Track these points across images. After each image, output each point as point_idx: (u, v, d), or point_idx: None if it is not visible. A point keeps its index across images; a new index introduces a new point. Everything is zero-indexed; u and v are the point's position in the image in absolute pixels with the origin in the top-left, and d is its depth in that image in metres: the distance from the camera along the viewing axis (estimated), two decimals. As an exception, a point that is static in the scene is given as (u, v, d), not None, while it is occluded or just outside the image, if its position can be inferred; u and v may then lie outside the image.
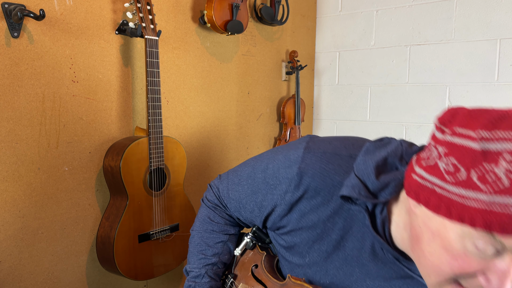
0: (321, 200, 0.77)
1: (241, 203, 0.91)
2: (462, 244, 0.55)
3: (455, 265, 0.57)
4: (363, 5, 2.62)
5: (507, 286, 0.53)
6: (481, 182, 0.52)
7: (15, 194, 1.38)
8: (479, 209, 0.52)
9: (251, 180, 0.88)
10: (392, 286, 0.75)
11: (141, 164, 1.54)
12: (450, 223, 0.56)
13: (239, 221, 0.99)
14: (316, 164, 0.78)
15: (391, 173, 0.71)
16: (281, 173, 0.82)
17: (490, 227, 0.51)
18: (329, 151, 0.79)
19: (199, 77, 2.01)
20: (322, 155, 0.78)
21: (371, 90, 2.63)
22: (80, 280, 1.58)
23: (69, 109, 1.50)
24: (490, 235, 0.52)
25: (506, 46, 2.17)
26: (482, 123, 0.54)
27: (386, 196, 0.70)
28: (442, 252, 0.58)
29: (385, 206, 0.71)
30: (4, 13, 1.30)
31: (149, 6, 1.56)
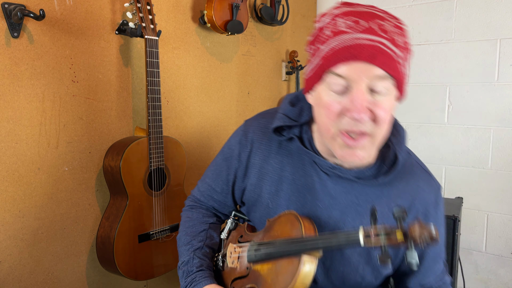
0: (265, 148, 0.96)
1: (211, 189, 1.06)
2: (327, 94, 0.79)
3: (330, 113, 0.78)
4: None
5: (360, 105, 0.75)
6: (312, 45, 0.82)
7: (15, 194, 1.38)
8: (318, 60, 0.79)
9: (214, 166, 1.07)
10: (338, 200, 0.89)
11: (141, 164, 1.54)
12: (318, 86, 0.81)
13: (215, 211, 1.11)
14: (254, 122, 1.01)
15: (303, 102, 0.94)
16: (231, 142, 1.03)
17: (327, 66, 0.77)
18: (262, 112, 1.04)
19: (199, 77, 2.01)
20: (257, 116, 1.03)
21: (371, 90, 2.63)
22: (80, 280, 1.58)
23: (69, 109, 1.50)
24: (335, 75, 0.76)
25: (506, 46, 2.17)
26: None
27: (305, 118, 0.92)
28: (321, 110, 0.81)
29: (308, 128, 0.93)
30: (4, 13, 1.30)
31: (149, 6, 1.56)
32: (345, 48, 0.74)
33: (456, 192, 2.35)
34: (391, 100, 0.80)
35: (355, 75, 0.75)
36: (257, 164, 0.97)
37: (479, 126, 2.26)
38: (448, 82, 2.34)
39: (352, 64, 0.74)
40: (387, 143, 0.90)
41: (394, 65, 0.75)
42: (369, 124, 0.77)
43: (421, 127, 2.44)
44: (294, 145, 0.93)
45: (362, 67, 0.74)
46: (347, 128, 0.78)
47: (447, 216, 1.77)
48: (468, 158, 2.30)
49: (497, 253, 2.26)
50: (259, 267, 0.88)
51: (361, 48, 0.73)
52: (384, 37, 0.74)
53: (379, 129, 0.79)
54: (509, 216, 2.21)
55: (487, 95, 2.23)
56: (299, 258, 0.79)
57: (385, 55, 0.74)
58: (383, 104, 0.78)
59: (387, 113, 0.79)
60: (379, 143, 0.81)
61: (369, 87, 0.76)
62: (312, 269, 0.78)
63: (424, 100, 2.42)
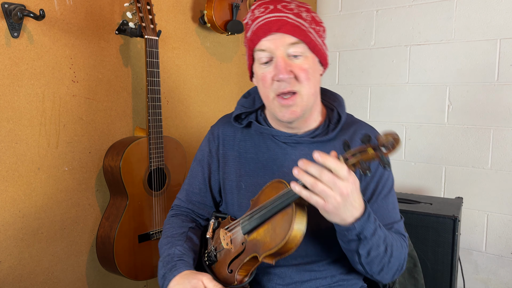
0: (230, 138, 1.13)
1: (190, 192, 1.17)
2: (259, 68, 1.00)
3: (265, 82, 0.99)
4: (363, 5, 2.62)
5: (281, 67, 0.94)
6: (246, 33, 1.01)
7: (15, 194, 1.38)
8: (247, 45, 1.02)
9: (189, 173, 1.19)
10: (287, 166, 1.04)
11: (141, 164, 1.54)
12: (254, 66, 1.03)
13: (195, 214, 1.18)
14: (217, 122, 1.19)
15: (254, 93, 1.14)
16: (201, 145, 1.19)
17: (252, 46, 0.99)
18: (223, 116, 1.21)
19: (199, 77, 2.01)
20: (220, 118, 1.21)
21: (371, 90, 2.63)
22: (80, 280, 1.58)
23: (69, 109, 1.50)
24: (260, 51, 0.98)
25: (506, 46, 2.16)
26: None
27: (258, 104, 1.12)
28: (259, 83, 1.02)
29: (261, 112, 1.12)
30: (4, 13, 1.30)
31: (149, 6, 1.55)
32: (259, 27, 0.96)
33: (456, 192, 2.35)
34: (309, 62, 0.98)
35: (272, 46, 0.95)
36: (227, 154, 1.12)
37: (479, 126, 2.26)
38: (448, 82, 2.34)
39: (267, 38, 0.95)
40: (331, 107, 1.11)
41: (301, 31, 0.95)
42: (293, 82, 0.96)
43: (421, 127, 2.44)
44: (253, 128, 1.10)
45: (275, 38, 0.95)
46: (279, 90, 0.97)
47: (447, 216, 1.77)
48: (468, 158, 2.30)
49: (497, 253, 2.26)
50: (254, 235, 0.95)
51: (271, 23, 0.95)
52: (289, 13, 0.95)
53: (303, 86, 0.97)
54: (509, 216, 2.21)
55: (487, 95, 2.22)
56: (291, 206, 0.89)
57: (291, 25, 0.94)
58: (301, 65, 0.96)
59: (306, 71, 0.97)
60: (307, 99, 0.99)
61: (287, 53, 0.96)
62: (304, 212, 0.88)
63: (424, 100, 2.42)
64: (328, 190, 0.81)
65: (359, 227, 0.88)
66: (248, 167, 1.09)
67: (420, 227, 1.82)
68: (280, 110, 0.99)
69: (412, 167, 2.50)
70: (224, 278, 0.99)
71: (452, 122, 2.34)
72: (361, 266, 0.96)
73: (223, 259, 1.02)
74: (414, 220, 1.83)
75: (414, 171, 2.49)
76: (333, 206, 0.82)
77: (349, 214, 0.86)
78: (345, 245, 0.94)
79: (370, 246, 0.91)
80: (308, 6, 1.01)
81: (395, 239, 0.99)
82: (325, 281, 1.05)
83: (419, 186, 2.48)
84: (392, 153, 0.82)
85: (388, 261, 0.95)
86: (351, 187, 0.83)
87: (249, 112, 1.11)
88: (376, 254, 0.93)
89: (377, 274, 0.97)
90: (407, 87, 2.48)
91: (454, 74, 2.32)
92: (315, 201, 0.83)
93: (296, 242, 0.87)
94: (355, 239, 0.90)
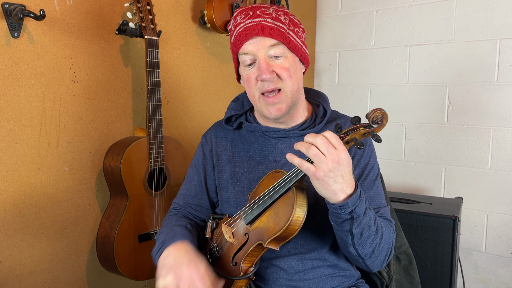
0: (222, 140, 1.19)
1: (186, 196, 1.21)
2: (244, 70, 1.07)
3: (250, 82, 1.05)
4: (363, 5, 2.62)
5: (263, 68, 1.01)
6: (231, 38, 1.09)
7: (15, 194, 1.38)
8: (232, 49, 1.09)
9: (185, 178, 1.25)
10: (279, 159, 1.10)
11: (141, 164, 1.54)
12: (240, 69, 1.10)
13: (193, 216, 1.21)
14: (210, 128, 1.25)
15: (242, 97, 1.23)
16: (196, 152, 1.24)
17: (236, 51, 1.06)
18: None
19: (199, 77, 2.01)
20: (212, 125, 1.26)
21: (371, 90, 2.63)
22: (80, 280, 1.58)
23: (69, 109, 1.50)
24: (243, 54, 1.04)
25: (506, 46, 2.17)
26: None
27: (246, 106, 1.20)
28: (245, 84, 1.08)
29: (250, 113, 1.20)
30: (4, 13, 1.30)
31: (149, 6, 1.56)
32: (241, 33, 1.03)
33: (456, 192, 2.35)
34: (289, 61, 1.04)
35: (254, 49, 1.02)
36: (220, 154, 1.17)
37: (479, 126, 2.26)
38: (448, 82, 2.34)
39: (249, 42, 1.02)
40: (316, 103, 1.19)
41: (279, 33, 1.01)
42: (276, 80, 1.03)
43: (421, 127, 2.45)
44: (244, 128, 1.17)
45: (256, 41, 1.02)
46: (263, 89, 1.04)
47: (447, 216, 1.77)
48: (468, 158, 2.31)
49: (497, 253, 2.26)
50: (257, 223, 0.98)
51: (251, 28, 1.02)
52: (267, 17, 1.02)
53: (286, 83, 1.03)
54: (509, 216, 2.21)
55: (487, 95, 2.23)
56: (291, 190, 0.93)
57: (270, 28, 1.01)
58: (282, 64, 1.03)
59: (287, 70, 1.03)
60: (291, 95, 1.05)
61: (268, 55, 1.02)
62: (304, 195, 0.93)
63: (424, 100, 2.42)
64: (321, 154, 0.85)
65: (352, 204, 0.91)
66: (242, 164, 1.14)
67: (420, 227, 1.82)
68: (267, 108, 1.06)
69: (412, 167, 2.50)
70: (228, 272, 1.00)
71: (452, 122, 2.35)
72: (354, 248, 0.98)
73: (225, 254, 1.03)
74: (414, 220, 1.83)
75: (414, 171, 2.49)
76: (323, 173, 0.85)
77: (340, 187, 0.89)
78: (338, 226, 0.96)
79: (362, 226, 0.94)
80: (286, 10, 1.08)
81: (384, 223, 1.03)
82: (327, 271, 1.10)
83: (419, 186, 2.48)
84: (381, 128, 0.89)
85: (379, 243, 0.99)
86: (343, 157, 0.87)
87: (239, 115, 1.19)
88: (368, 234, 0.96)
89: (369, 257, 1.00)
90: (407, 87, 2.49)
91: (454, 74, 2.32)
92: (307, 168, 0.87)
93: (299, 224, 0.91)
94: (348, 218, 0.93)
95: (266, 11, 1.04)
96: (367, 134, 0.89)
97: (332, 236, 1.09)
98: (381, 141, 0.88)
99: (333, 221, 0.97)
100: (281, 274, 1.07)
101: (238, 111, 1.19)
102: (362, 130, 0.89)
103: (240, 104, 1.22)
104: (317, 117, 1.15)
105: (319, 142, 0.85)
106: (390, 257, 1.04)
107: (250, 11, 1.05)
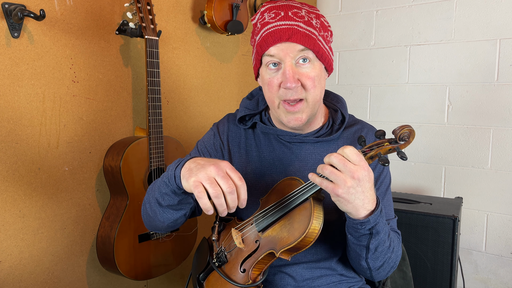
0: (237, 136, 1.14)
1: None
2: (267, 73, 1.01)
3: (271, 87, 1.00)
4: (363, 5, 2.62)
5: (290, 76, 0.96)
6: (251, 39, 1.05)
7: (15, 194, 1.38)
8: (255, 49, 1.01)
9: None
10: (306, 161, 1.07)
11: (141, 164, 1.54)
12: (261, 69, 1.04)
13: None
14: (224, 118, 1.18)
15: (257, 95, 1.17)
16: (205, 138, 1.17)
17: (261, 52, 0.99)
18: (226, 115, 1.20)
19: (199, 77, 2.01)
20: (224, 117, 1.20)
21: (371, 90, 2.63)
22: (80, 280, 1.58)
23: (69, 109, 1.50)
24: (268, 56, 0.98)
25: (506, 46, 2.17)
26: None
27: (261, 106, 1.14)
28: (266, 87, 1.02)
29: (265, 113, 1.14)
30: (4, 13, 1.30)
31: (149, 6, 1.56)
32: (270, 34, 0.97)
33: (456, 192, 2.35)
34: (315, 69, 0.99)
35: (281, 53, 0.97)
36: (233, 150, 1.13)
37: (479, 126, 2.26)
38: (448, 82, 2.34)
39: (277, 45, 0.97)
40: (334, 108, 1.14)
41: (310, 40, 0.96)
42: (300, 90, 0.98)
43: (421, 127, 2.45)
44: (258, 129, 1.12)
45: (285, 46, 0.96)
46: (285, 98, 0.99)
47: (447, 216, 1.77)
48: (468, 158, 2.31)
49: (497, 253, 2.26)
50: (270, 232, 0.95)
51: (282, 32, 0.96)
52: (299, 21, 0.97)
53: (309, 94, 0.99)
54: (509, 216, 2.21)
55: (487, 95, 2.23)
56: (309, 201, 0.90)
57: (301, 34, 0.96)
58: (308, 73, 0.98)
59: (313, 80, 0.98)
60: (313, 105, 1.01)
61: (295, 61, 0.98)
62: (321, 207, 0.90)
63: (424, 100, 2.42)
64: (336, 172, 0.83)
65: (373, 221, 0.89)
66: (254, 165, 1.10)
67: (420, 227, 1.82)
68: (286, 115, 1.02)
69: (412, 167, 2.50)
70: (236, 278, 0.99)
71: (452, 122, 2.35)
72: (365, 262, 0.97)
73: (234, 259, 1.01)
74: (414, 220, 1.83)
75: (414, 171, 2.49)
76: (343, 190, 0.84)
77: (361, 204, 0.87)
78: (355, 240, 0.95)
79: (378, 241, 0.94)
80: (318, 11, 1.03)
81: (394, 236, 1.02)
82: (335, 278, 1.09)
83: (419, 186, 2.48)
84: (407, 145, 0.88)
85: (389, 257, 0.98)
86: (364, 173, 0.84)
87: (253, 114, 1.13)
88: (382, 249, 0.95)
89: (377, 269, 0.99)
90: (407, 87, 2.49)
91: (454, 74, 2.32)
92: (326, 186, 0.85)
93: (314, 236, 0.89)
94: (367, 234, 0.92)
95: (298, 13, 0.98)
96: (392, 150, 0.87)
97: (342, 248, 1.08)
98: (406, 159, 0.87)
99: (351, 234, 0.96)
100: (289, 281, 1.06)
101: (252, 110, 1.13)
102: (387, 146, 0.87)
103: (254, 102, 1.15)
104: (334, 123, 1.11)
105: (334, 161, 0.84)
106: (394, 269, 1.04)
107: (281, 10, 0.98)
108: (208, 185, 0.82)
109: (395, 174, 2.54)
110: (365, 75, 2.64)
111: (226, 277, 0.99)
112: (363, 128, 1.12)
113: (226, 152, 1.13)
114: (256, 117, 1.13)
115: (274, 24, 0.97)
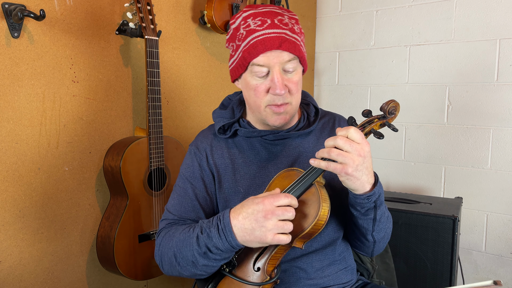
0: (219, 149, 1.14)
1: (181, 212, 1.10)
2: (253, 79, 1.02)
3: (258, 93, 1.02)
4: (363, 5, 2.62)
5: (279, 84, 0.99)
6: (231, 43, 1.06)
7: (15, 194, 1.38)
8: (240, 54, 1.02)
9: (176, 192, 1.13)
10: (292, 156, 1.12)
11: (141, 164, 1.54)
12: (244, 74, 1.05)
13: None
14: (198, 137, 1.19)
15: (230, 103, 1.21)
16: (186, 162, 1.16)
17: (249, 59, 1.00)
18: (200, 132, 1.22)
19: (199, 77, 2.01)
20: (198, 134, 1.21)
21: (371, 90, 2.63)
22: (80, 280, 1.58)
23: (69, 109, 1.50)
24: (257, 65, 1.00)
25: (506, 46, 2.17)
26: None
27: (237, 114, 1.15)
28: (251, 92, 1.04)
29: (242, 119, 1.15)
30: (4, 13, 1.30)
31: (149, 6, 1.56)
32: (259, 42, 0.99)
33: (455, 192, 2.35)
34: (298, 74, 1.05)
35: (271, 62, 0.99)
36: (218, 163, 1.13)
37: (479, 126, 2.27)
38: (448, 82, 2.34)
39: (267, 54, 0.99)
40: (305, 102, 1.20)
41: (296, 47, 1.01)
42: (286, 95, 1.03)
43: (421, 127, 2.45)
44: (240, 135, 1.14)
45: (274, 54, 0.99)
46: (273, 103, 1.03)
47: (446, 216, 1.77)
48: (468, 158, 2.31)
49: (497, 253, 2.26)
50: None
51: (272, 40, 0.98)
52: (285, 29, 1.00)
53: (294, 97, 1.05)
54: (508, 216, 2.21)
55: (487, 95, 2.23)
56: (314, 186, 0.94)
57: (289, 42, 0.99)
58: (294, 79, 1.03)
59: (297, 84, 1.04)
60: (296, 106, 1.08)
61: (283, 69, 1.01)
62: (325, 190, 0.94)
63: (424, 100, 2.42)
64: (344, 153, 0.89)
65: (377, 192, 0.96)
66: (243, 171, 1.12)
67: (420, 227, 1.82)
68: (272, 116, 1.06)
69: (412, 167, 2.50)
70: (252, 278, 0.97)
71: (451, 122, 2.35)
72: (371, 236, 1.04)
73: (245, 261, 1.00)
74: (413, 220, 1.83)
75: (414, 171, 2.49)
76: (352, 168, 0.89)
77: (366, 179, 0.93)
78: (362, 216, 1.01)
79: (382, 212, 1.01)
80: (295, 16, 1.06)
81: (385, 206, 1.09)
82: (341, 265, 1.14)
83: (418, 186, 2.48)
84: (394, 118, 0.97)
85: (388, 227, 1.07)
86: (367, 149, 0.91)
87: (231, 123, 1.14)
88: (384, 219, 1.04)
89: (379, 241, 1.07)
90: (407, 87, 2.49)
91: (454, 74, 2.32)
92: (334, 168, 0.90)
93: (326, 218, 0.92)
94: (372, 207, 0.98)
95: (283, 21, 1.01)
96: (383, 125, 0.96)
97: (342, 229, 1.13)
98: (397, 130, 0.96)
99: (357, 211, 1.00)
100: (301, 274, 1.08)
101: (229, 119, 1.14)
102: (378, 122, 0.96)
103: (230, 111, 1.17)
104: (309, 115, 1.18)
105: (340, 143, 0.89)
106: (388, 240, 1.12)
107: (267, 18, 1.00)
108: (281, 230, 0.88)
109: (395, 174, 2.54)
110: (365, 75, 2.64)
111: (242, 280, 0.97)
112: (334, 117, 1.21)
113: (213, 167, 1.12)
114: (235, 125, 1.14)
115: (262, 32, 0.99)
